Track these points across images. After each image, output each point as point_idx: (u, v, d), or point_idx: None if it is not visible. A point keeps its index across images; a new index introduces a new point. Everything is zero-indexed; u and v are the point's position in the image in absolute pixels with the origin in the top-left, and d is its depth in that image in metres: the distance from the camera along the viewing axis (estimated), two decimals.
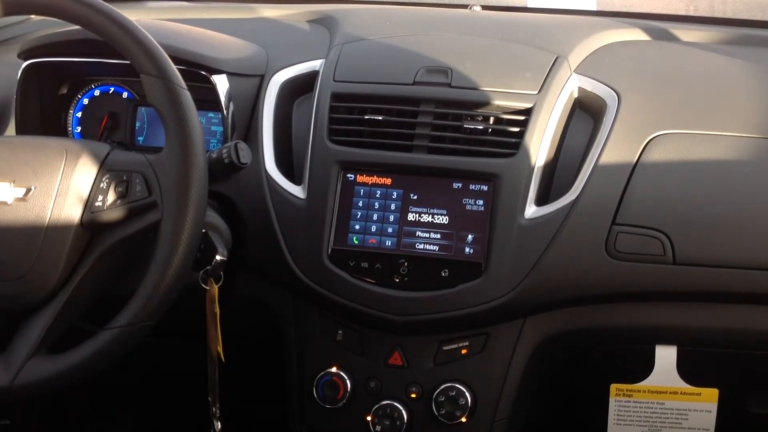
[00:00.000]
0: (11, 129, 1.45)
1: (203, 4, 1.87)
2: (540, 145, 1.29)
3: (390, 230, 1.30)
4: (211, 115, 1.44)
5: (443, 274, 1.28)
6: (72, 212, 1.13)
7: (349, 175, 1.32)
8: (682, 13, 1.80)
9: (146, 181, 1.13)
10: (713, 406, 1.37)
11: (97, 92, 1.47)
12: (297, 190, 1.33)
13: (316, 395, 1.35)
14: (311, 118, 1.35)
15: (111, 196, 1.14)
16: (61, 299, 1.12)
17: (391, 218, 1.30)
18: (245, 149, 1.20)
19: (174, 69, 1.14)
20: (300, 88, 1.43)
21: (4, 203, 1.13)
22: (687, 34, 1.61)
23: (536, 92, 1.33)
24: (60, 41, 1.36)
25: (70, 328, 1.15)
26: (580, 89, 1.37)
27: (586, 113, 1.37)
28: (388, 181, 1.31)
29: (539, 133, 1.30)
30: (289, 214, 1.32)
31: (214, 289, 1.24)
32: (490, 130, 1.32)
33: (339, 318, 1.35)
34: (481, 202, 1.29)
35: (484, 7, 1.73)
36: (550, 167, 1.32)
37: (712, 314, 1.31)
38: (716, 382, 1.37)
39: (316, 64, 1.43)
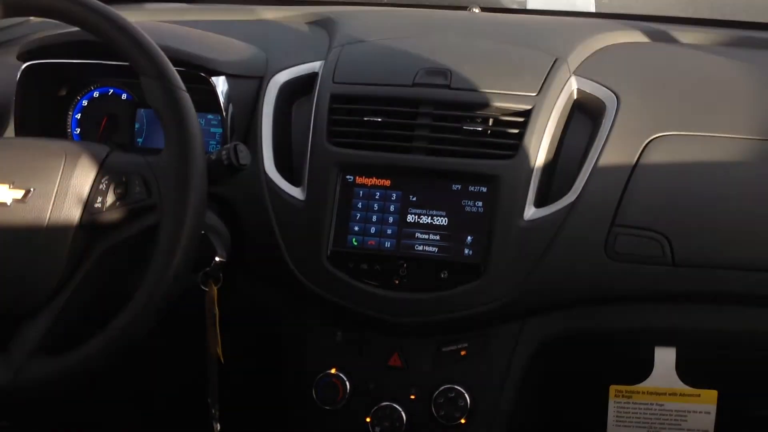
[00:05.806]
0: (10, 131, 1.45)
1: (202, 6, 1.86)
2: (539, 147, 1.29)
3: (389, 232, 1.30)
4: (210, 116, 1.44)
5: (442, 276, 1.28)
6: (71, 213, 1.13)
7: (348, 177, 1.32)
8: (682, 14, 1.79)
9: (145, 183, 1.13)
10: (712, 408, 1.37)
11: (96, 94, 1.47)
12: (296, 192, 1.33)
13: (314, 396, 1.34)
14: (310, 119, 1.35)
15: (110, 198, 1.14)
16: (61, 300, 1.12)
17: (390, 220, 1.30)
18: (244, 151, 1.20)
19: (173, 71, 1.14)
20: (299, 89, 1.43)
21: (4, 204, 1.13)
22: (686, 35, 1.61)
23: (535, 94, 1.33)
24: (59, 43, 1.36)
25: (69, 330, 1.15)
26: (579, 91, 1.37)
27: (585, 115, 1.37)
28: (387, 182, 1.31)
29: (538, 134, 1.30)
30: (289, 215, 1.32)
31: (214, 290, 1.24)
32: (489, 131, 1.32)
33: (338, 319, 1.35)
34: (480, 203, 1.29)
35: (484, 9, 1.73)
36: (550, 169, 1.32)
37: (712, 316, 1.31)
38: (715, 384, 1.37)
39: (315, 66, 1.43)
